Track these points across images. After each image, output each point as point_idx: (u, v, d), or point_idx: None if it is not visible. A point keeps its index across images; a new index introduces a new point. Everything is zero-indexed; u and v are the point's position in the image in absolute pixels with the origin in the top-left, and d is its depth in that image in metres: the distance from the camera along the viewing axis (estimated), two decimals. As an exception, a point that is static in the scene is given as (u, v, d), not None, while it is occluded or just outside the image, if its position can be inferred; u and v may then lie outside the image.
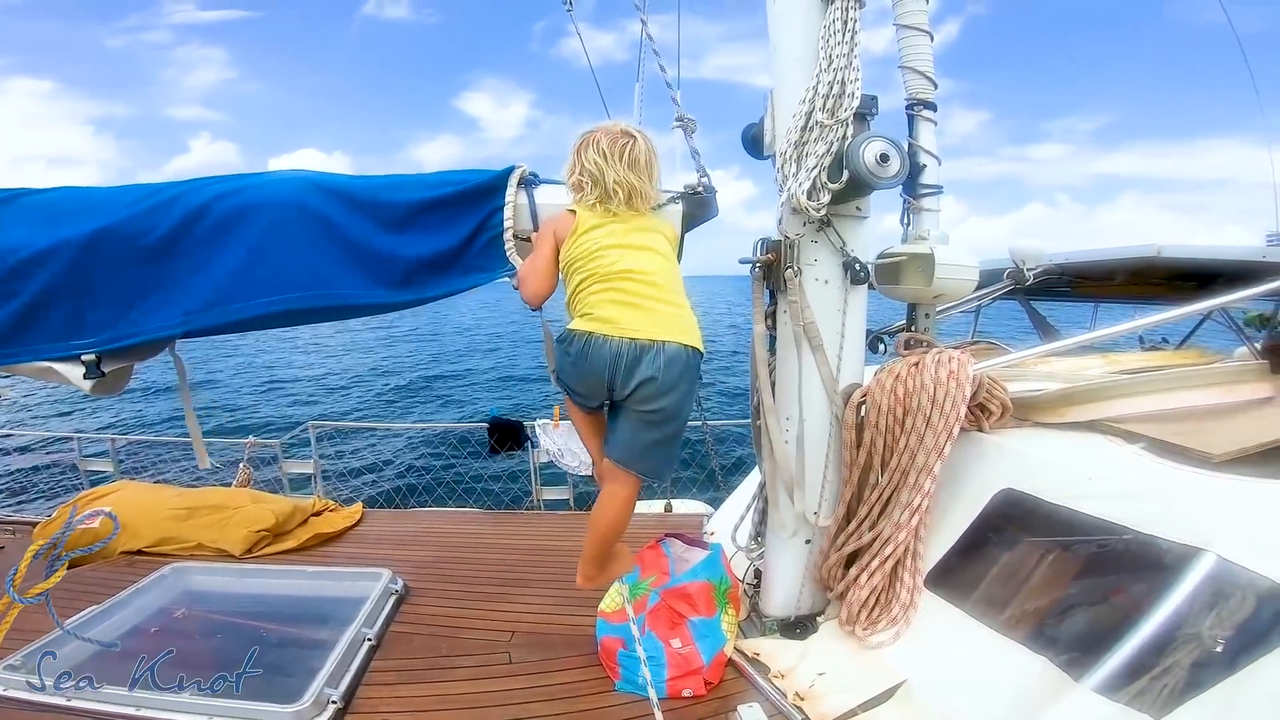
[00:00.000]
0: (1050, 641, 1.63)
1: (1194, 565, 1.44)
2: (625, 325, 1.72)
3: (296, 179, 1.94)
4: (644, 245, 1.83)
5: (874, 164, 1.74)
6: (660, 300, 1.77)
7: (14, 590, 2.12)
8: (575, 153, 1.88)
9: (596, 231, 1.82)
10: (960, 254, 2.01)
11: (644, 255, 1.82)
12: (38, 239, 1.85)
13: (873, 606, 2.00)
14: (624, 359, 1.71)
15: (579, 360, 1.76)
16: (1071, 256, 2.94)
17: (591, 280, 1.78)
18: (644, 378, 1.72)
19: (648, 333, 1.72)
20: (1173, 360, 2.65)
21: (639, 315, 1.74)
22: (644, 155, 1.86)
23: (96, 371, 1.86)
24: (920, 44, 2.11)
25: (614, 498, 1.94)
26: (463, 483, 5.15)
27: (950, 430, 1.83)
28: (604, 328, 1.73)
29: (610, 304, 1.75)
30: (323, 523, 3.66)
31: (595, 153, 1.83)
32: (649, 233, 1.87)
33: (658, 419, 1.79)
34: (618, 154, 1.83)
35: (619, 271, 1.77)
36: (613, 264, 1.77)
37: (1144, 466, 1.76)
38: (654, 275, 1.79)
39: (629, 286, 1.76)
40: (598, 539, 2.01)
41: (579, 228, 1.82)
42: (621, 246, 1.80)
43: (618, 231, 1.82)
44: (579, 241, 1.82)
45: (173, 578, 2.87)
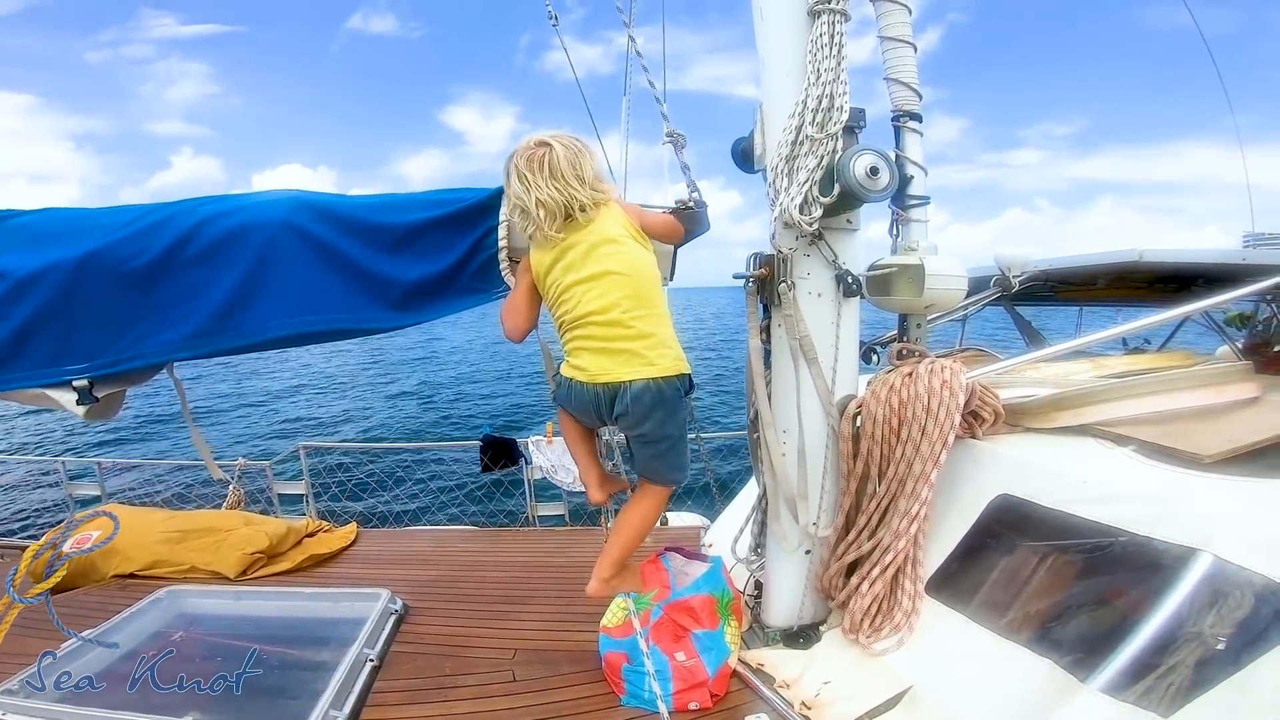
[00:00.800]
0: (1055, 644, 1.65)
1: (1191, 566, 1.46)
2: (595, 371, 1.84)
3: (287, 200, 1.93)
4: (602, 271, 1.81)
5: (864, 177, 1.77)
6: (623, 338, 1.83)
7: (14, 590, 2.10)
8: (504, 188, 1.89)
9: (555, 269, 1.86)
10: (949, 264, 2.03)
11: (602, 286, 1.82)
12: (26, 263, 1.83)
13: (875, 614, 2.01)
14: (602, 400, 1.86)
15: (569, 399, 1.95)
16: (1056, 263, 2.99)
17: (564, 326, 1.90)
18: (619, 413, 1.86)
19: (615, 375, 1.83)
20: (1158, 362, 2.70)
21: (605, 360, 1.84)
22: (563, 159, 1.78)
23: (89, 397, 1.84)
24: (904, 55, 2.14)
25: (643, 498, 2.10)
26: (457, 501, 5.13)
27: (945, 438, 1.85)
28: (579, 375, 1.88)
29: (581, 351, 1.87)
30: (317, 543, 3.64)
31: (515, 180, 1.81)
32: (603, 246, 1.83)
33: (645, 440, 1.95)
34: (536, 169, 1.78)
35: (581, 317, 1.84)
36: (575, 308, 1.85)
37: (1136, 469, 1.79)
38: (614, 311, 1.81)
39: (593, 331, 1.84)
40: (623, 540, 2.13)
41: (537, 273, 1.90)
42: (579, 283, 1.83)
43: (573, 262, 1.84)
44: (544, 286, 1.92)
45: (168, 601, 2.83)
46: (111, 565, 3.27)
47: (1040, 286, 3.21)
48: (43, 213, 2.00)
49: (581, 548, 3.63)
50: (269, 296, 1.86)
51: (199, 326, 1.86)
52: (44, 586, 2.17)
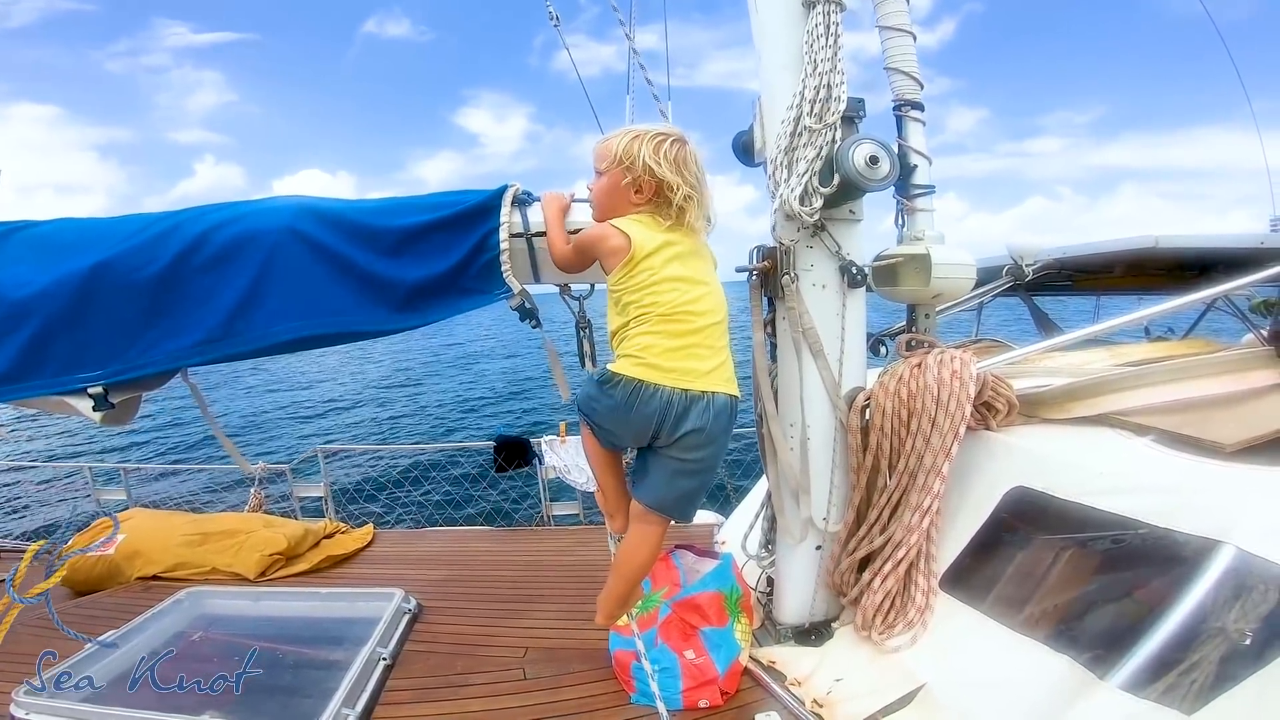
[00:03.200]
0: (1073, 640, 1.61)
1: (1213, 558, 1.42)
2: (678, 374, 1.62)
3: (290, 207, 1.95)
4: (701, 278, 1.70)
5: (864, 166, 1.75)
6: (711, 346, 1.67)
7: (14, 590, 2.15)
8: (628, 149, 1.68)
9: (653, 258, 1.66)
10: (956, 253, 2.01)
11: (703, 292, 1.69)
12: (39, 274, 1.87)
13: (888, 610, 1.98)
14: (674, 409, 1.63)
15: (623, 408, 1.64)
16: (1069, 250, 2.94)
17: (645, 318, 1.65)
18: (691, 428, 1.64)
19: (700, 384, 1.63)
20: (1178, 350, 2.63)
21: (692, 363, 1.64)
22: (697, 158, 1.72)
23: (105, 403, 1.88)
24: (904, 44, 2.12)
25: (646, 540, 1.85)
26: (471, 501, 5.16)
27: (956, 430, 1.82)
28: (654, 375, 1.62)
29: (664, 350, 1.63)
30: (334, 545, 3.68)
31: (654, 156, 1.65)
32: (704, 262, 1.74)
33: (696, 468, 1.72)
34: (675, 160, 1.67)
35: (677, 312, 1.64)
36: (672, 302, 1.64)
37: (1156, 459, 1.74)
38: (707, 318, 1.67)
39: (684, 330, 1.64)
40: (626, 579, 1.92)
41: (635, 256, 1.65)
42: (680, 280, 1.66)
43: (678, 256, 1.67)
44: (634, 271, 1.67)
45: (189, 602, 2.88)
46: (135, 567, 3.34)
47: (1056, 275, 3.15)
48: (55, 223, 2.05)
49: (594, 546, 3.63)
50: (274, 301, 1.88)
51: (208, 332, 1.88)
52: (43, 587, 2.21)
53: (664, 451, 1.71)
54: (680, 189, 1.65)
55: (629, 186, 1.69)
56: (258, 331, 1.88)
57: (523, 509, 5.04)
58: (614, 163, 1.69)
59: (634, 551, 1.87)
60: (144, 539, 3.44)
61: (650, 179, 1.66)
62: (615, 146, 1.69)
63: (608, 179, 1.72)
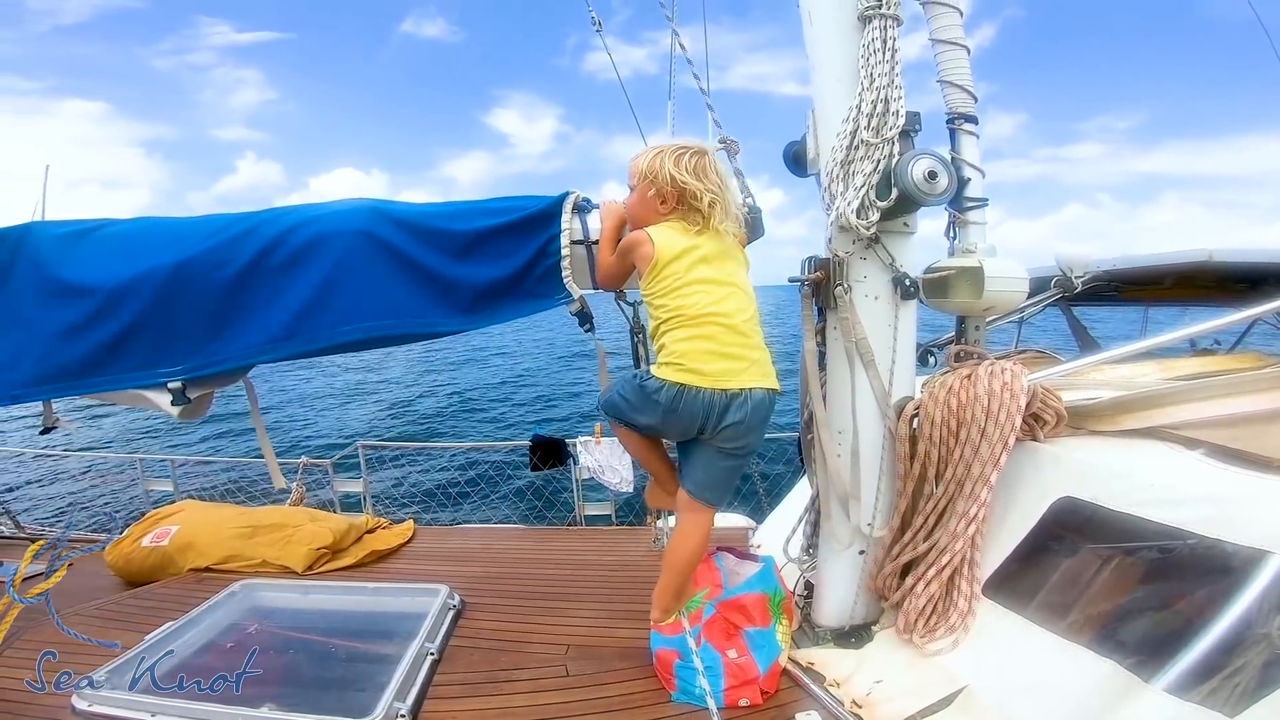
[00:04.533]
0: (1118, 644, 1.62)
1: (1261, 568, 1.44)
2: (717, 377, 1.78)
3: (363, 209, 2.03)
4: (729, 280, 1.85)
5: (923, 181, 1.76)
6: (744, 344, 1.82)
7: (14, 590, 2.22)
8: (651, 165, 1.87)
9: (678, 263, 1.81)
10: (1009, 265, 2.00)
11: (728, 292, 1.83)
12: (123, 271, 1.97)
13: (930, 615, 1.99)
14: (716, 408, 1.80)
15: (669, 411, 1.82)
16: (1120, 262, 2.91)
17: (677, 322, 1.80)
18: (731, 421, 1.81)
19: (737, 382, 1.79)
20: (1228, 365, 2.61)
21: (728, 364, 1.79)
22: (717, 167, 1.91)
23: (183, 398, 1.97)
24: (957, 58, 2.12)
25: (697, 528, 2.03)
26: (507, 500, 5.24)
27: (1005, 440, 1.83)
28: (696, 379, 1.78)
29: (702, 354, 1.78)
30: (377, 540, 3.77)
31: (676, 168, 1.84)
32: (732, 263, 1.89)
33: (738, 453, 1.91)
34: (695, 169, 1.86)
35: (704, 315, 1.79)
36: (699, 305, 1.79)
37: (1205, 472, 1.74)
38: (738, 319, 1.82)
39: (717, 334, 1.79)
40: (680, 572, 2.10)
41: (659, 261, 1.82)
42: (706, 282, 1.81)
43: (704, 258, 1.83)
44: (660, 272, 1.83)
45: (242, 594, 2.96)
46: (188, 560, 3.45)
47: (1103, 286, 3.13)
48: (135, 222, 2.14)
49: (628, 546, 3.68)
50: (346, 301, 1.96)
51: (282, 329, 1.96)
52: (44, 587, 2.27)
53: (707, 442, 1.90)
54: (704, 195, 1.84)
55: (655, 198, 1.89)
56: (330, 329, 1.96)
57: (556, 507, 5.11)
58: (641, 178, 1.90)
59: (685, 540, 2.04)
60: (197, 531, 3.55)
61: (672, 189, 1.85)
62: (641, 164, 1.90)
63: (637, 194, 1.93)
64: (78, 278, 1.97)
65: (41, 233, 2.08)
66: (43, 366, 2.03)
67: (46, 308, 2.00)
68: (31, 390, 2.09)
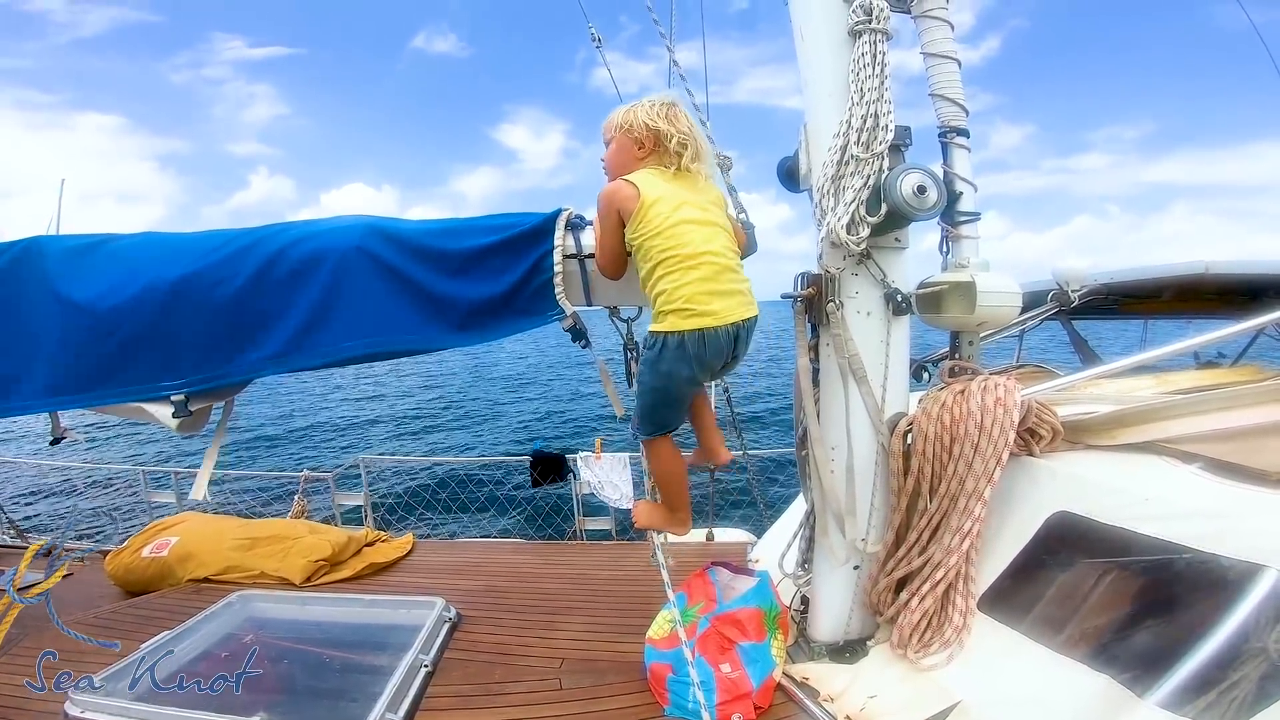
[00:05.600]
0: (1113, 659, 1.61)
1: (1256, 582, 1.44)
2: (723, 315, 1.82)
3: (359, 226, 2.06)
4: (713, 220, 1.90)
5: (912, 196, 1.77)
6: (737, 280, 1.89)
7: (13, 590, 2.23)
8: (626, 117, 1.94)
9: (662, 204, 1.83)
10: (1002, 280, 2.00)
11: (714, 231, 1.89)
12: (126, 286, 2.00)
13: (924, 629, 1.98)
14: (736, 341, 1.87)
15: (699, 356, 1.83)
16: (1116, 275, 2.91)
17: (674, 263, 1.81)
18: (739, 354, 1.91)
19: (739, 314, 1.85)
20: (1227, 378, 2.60)
21: (728, 301, 1.84)
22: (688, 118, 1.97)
23: (184, 410, 1.99)
24: (948, 71, 2.12)
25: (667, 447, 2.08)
26: (507, 514, 5.24)
27: (999, 456, 1.83)
28: (711, 320, 1.81)
29: (705, 295, 1.81)
30: (376, 553, 3.78)
31: (648, 114, 1.92)
32: (713, 207, 1.94)
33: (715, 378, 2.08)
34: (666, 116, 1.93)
35: (698, 254, 1.82)
36: (694, 244, 1.82)
37: (1201, 486, 1.74)
38: (727, 256, 1.88)
39: (709, 273, 1.83)
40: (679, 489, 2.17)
41: (645, 201, 1.83)
42: (692, 223, 1.84)
43: (684, 201, 1.86)
44: (646, 218, 1.83)
45: (239, 605, 2.98)
46: (187, 570, 3.47)
47: (1101, 300, 3.12)
48: (139, 237, 2.19)
49: (627, 561, 3.67)
50: (343, 317, 1.99)
51: (282, 345, 1.99)
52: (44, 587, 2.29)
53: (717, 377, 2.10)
54: (674, 136, 1.91)
55: (632, 144, 1.95)
56: (327, 346, 1.99)
57: (556, 522, 5.10)
58: (616, 129, 1.96)
59: (669, 464, 2.10)
60: (197, 542, 3.58)
61: (648, 133, 1.92)
62: (616, 118, 1.97)
63: (615, 145, 1.99)
64: (83, 292, 2.00)
65: (48, 247, 2.12)
66: (49, 379, 2.07)
67: (52, 321, 2.03)
68: (38, 402, 2.12)
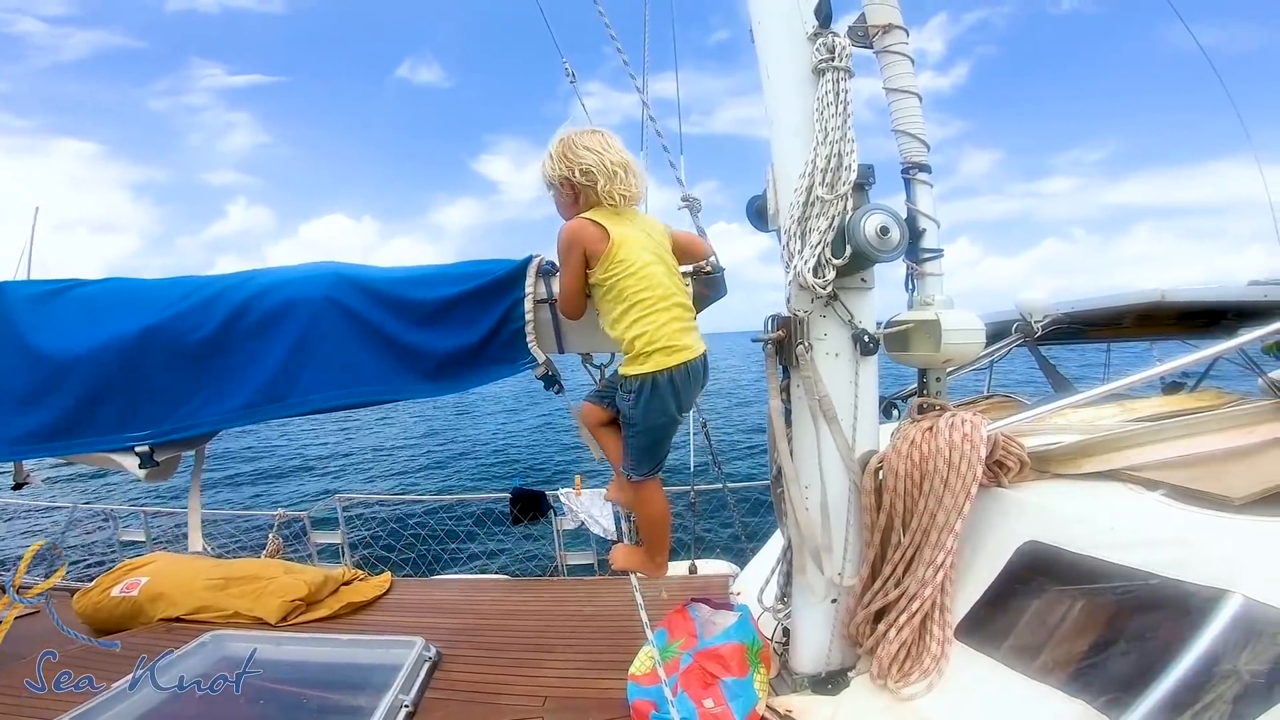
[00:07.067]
0: (1087, 684, 1.64)
1: (1221, 607, 1.47)
2: (696, 347, 1.89)
3: (328, 275, 2.06)
4: (663, 257, 1.93)
5: (875, 237, 1.78)
6: (691, 313, 1.94)
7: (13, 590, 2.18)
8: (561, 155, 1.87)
9: (629, 245, 1.84)
10: (965, 317, 2.04)
11: (667, 269, 1.92)
12: (90, 335, 1.97)
13: (903, 659, 2.00)
14: (701, 375, 1.92)
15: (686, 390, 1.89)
16: (1078, 305, 2.99)
17: (645, 307, 1.84)
18: (703, 384, 1.95)
19: (702, 346, 1.90)
20: (1190, 403, 2.67)
21: (693, 335, 1.90)
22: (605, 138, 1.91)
23: (150, 461, 1.96)
24: (910, 106, 2.14)
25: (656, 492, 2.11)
26: (487, 550, 5.19)
27: (968, 490, 1.86)
28: (690, 355, 1.87)
29: (676, 332, 1.86)
30: (353, 591, 3.71)
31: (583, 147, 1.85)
32: (660, 237, 1.96)
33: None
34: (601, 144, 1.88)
35: (667, 295, 1.87)
36: (663, 288, 1.86)
37: (1165, 513, 1.79)
38: (682, 294, 1.92)
39: (677, 311, 1.88)
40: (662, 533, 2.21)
41: (615, 242, 1.82)
42: (655, 264, 1.87)
43: (641, 239, 1.87)
44: (614, 259, 1.83)
45: (212, 645, 2.91)
46: (158, 609, 3.38)
47: (1066, 329, 3.21)
48: (104, 284, 2.15)
49: (609, 596, 3.64)
50: (312, 368, 1.97)
51: (250, 397, 1.97)
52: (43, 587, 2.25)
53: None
54: (599, 170, 1.84)
55: (570, 198, 1.91)
56: (296, 398, 1.98)
57: (538, 558, 5.06)
58: (550, 187, 1.93)
59: (660, 504, 2.11)
60: (167, 581, 3.49)
61: (578, 179, 1.86)
62: (544, 174, 1.92)
63: (564, 203, 1.95)
64: (47, 341, 1.98)
65: (12, 292, 2.09)
66: (11, 428, 2.03)
67: (16, 370, 2.00)
68: (2, 451, 2.08)
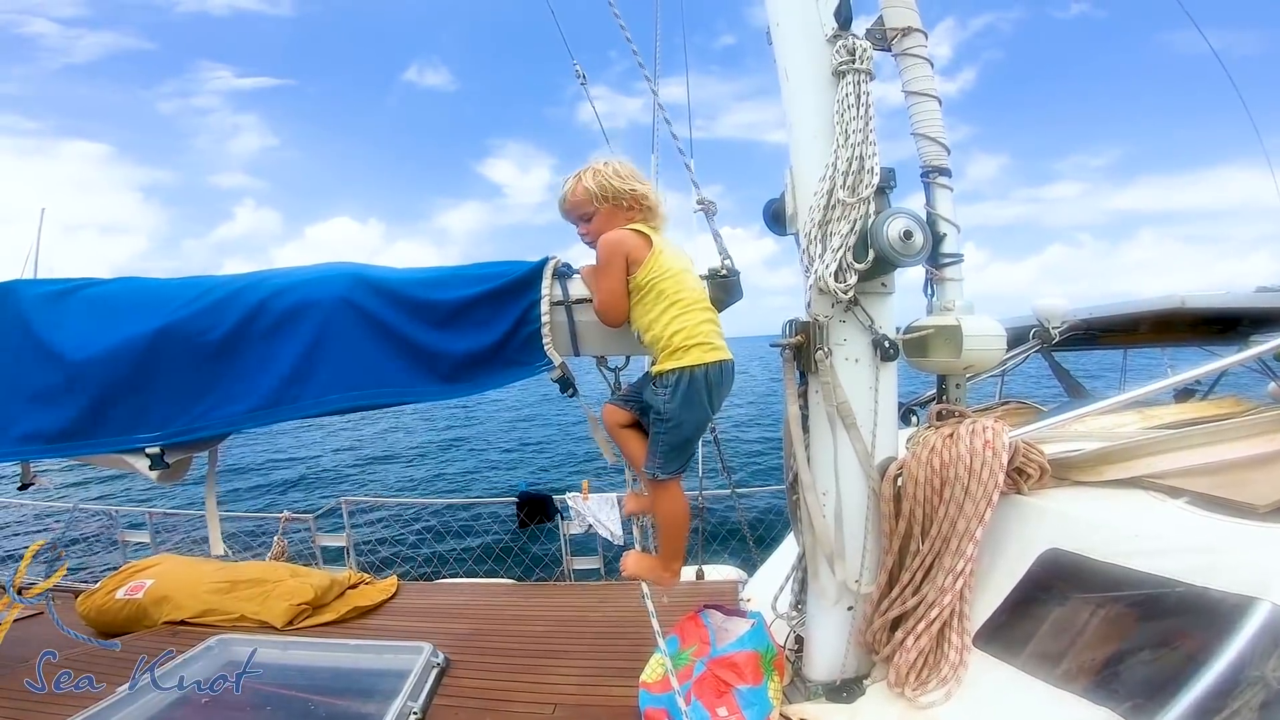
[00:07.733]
0: (1112, 692, 1.61)
1: (1250, 614, 1.44)
2: (726, 349, 1.94)
3: (344, 276, 2.03)
4: (688, 267, 2.01)
5: (898, 241, 1.75)
6: (720, 325, 1.99)
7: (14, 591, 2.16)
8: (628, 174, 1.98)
9: (665, 256, 1.94)
10: (987, 323, 2.01)
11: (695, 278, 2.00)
12: (103, 336, 1.95)
13: (921, 668, 1.97)
14: (730, 379, 1.95)
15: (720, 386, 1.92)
16: (1096, 310, 2.97)
17: (682, 306, 1.90)
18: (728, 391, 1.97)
19: (729, 352, 1.94)
20: (1209, 411, 2.64)
21: (723, 339, 1.95)
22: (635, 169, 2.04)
23: (161, 462, 1.94)
24: (930, 110, 2.12)
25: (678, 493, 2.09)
26: (493, 554, 5.16)
27: (989, 497, 1.84)
28: (723, 355, 1.91)
29: (712, 332, 1.93)
30: (359, 596, 3.70)
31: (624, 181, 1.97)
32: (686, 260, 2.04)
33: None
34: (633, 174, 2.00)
35: (699, 300, 1.94)
36: (695, 292, 1.94)
37: (1189, 521, 1.76)
38: (710, 305, 1.99)
39: (710, 315, 1.95)
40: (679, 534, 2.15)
41: (657, 248, 1.93)
42: (685, 271, 1.97)
43: (675, 251, 1.99)
44: (659, 261, 1.92)
45: (218, 648, 2.89)
46: (163, 612, 3.37)
47: (1082, 334, 3.18)
48: (118, 283, 2.13)
49: (617, 602, 3.61)
50: (327, 369, 1.95)
51: (263, 399, 1.95)
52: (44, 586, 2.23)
53: None
54: (651, 194, 2.00)
55: (620, 211, 1.97)
56: (310, 399, 1.95)
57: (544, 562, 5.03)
58: (600, 201, 1.96)
59: (677, 504, 2.08)
60: (173, 584, 3.48)
61: (632, 197, 1.96)
62: (590, 189, 1.96)
63: (602, 217, 1.98)
64: (59, 340, 1.95)
65: (24, 292, 2.08)
66: (22, 428, 2.01)
67: (27, 369, 1.98)
68: (10, 451, 2.06)
